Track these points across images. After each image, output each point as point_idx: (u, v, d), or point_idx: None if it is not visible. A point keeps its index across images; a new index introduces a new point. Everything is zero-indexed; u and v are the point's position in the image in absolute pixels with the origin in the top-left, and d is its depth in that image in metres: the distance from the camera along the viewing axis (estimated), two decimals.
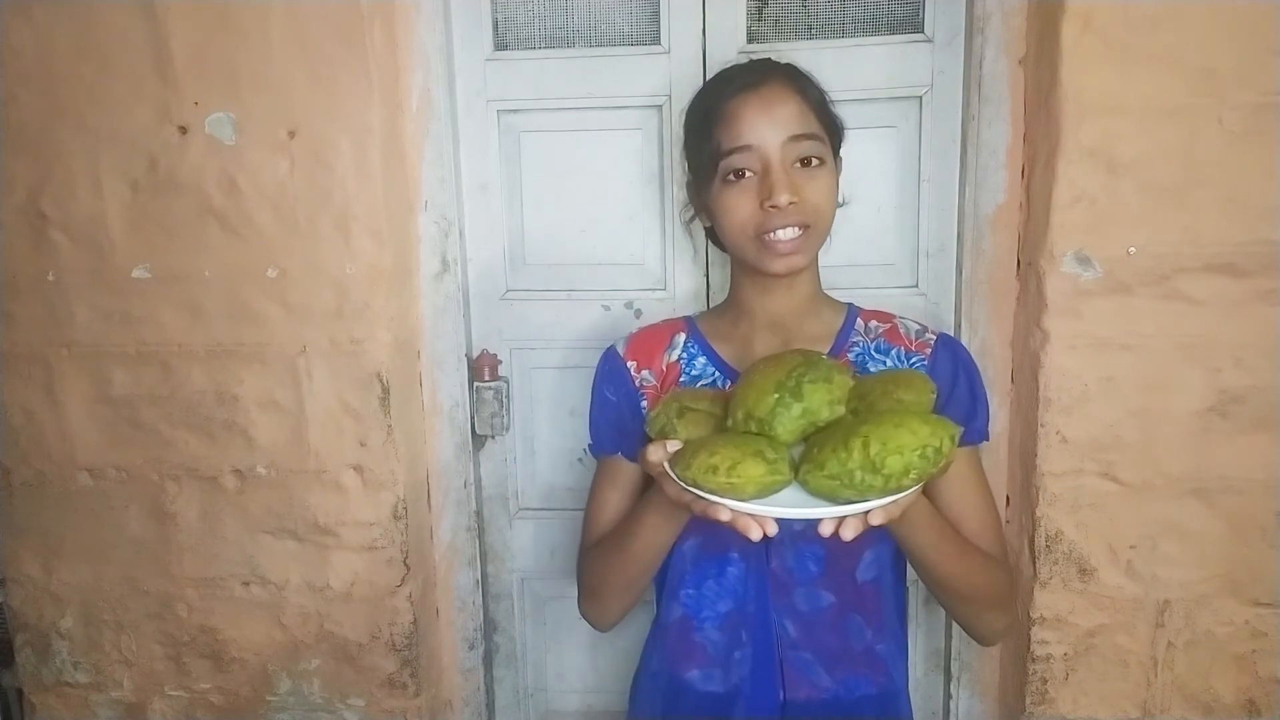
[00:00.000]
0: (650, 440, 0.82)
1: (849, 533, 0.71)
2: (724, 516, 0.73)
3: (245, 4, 1.12)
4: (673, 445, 0.78)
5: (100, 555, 1.30)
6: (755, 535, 0.73)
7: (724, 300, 1.07)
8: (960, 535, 0.94)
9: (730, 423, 0.79)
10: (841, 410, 0.78)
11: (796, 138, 0.89)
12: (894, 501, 0.71)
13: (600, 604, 1.03)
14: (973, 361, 0.99)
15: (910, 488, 0.71)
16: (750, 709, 0.96)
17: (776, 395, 0.76)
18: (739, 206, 0.90)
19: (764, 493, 0.73)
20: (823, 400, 0.76)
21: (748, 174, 0.90)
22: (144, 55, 1.15)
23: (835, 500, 0.73)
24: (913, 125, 1.23)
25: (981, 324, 1.21)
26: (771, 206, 0.87)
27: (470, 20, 1.28)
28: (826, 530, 0.72)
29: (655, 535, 0.92)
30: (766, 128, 0.89)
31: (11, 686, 1.52)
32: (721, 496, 0.72)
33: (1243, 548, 1.10)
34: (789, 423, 0.76)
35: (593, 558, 1.03)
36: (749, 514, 0.72)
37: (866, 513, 0.71)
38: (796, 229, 0.89)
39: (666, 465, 0.77)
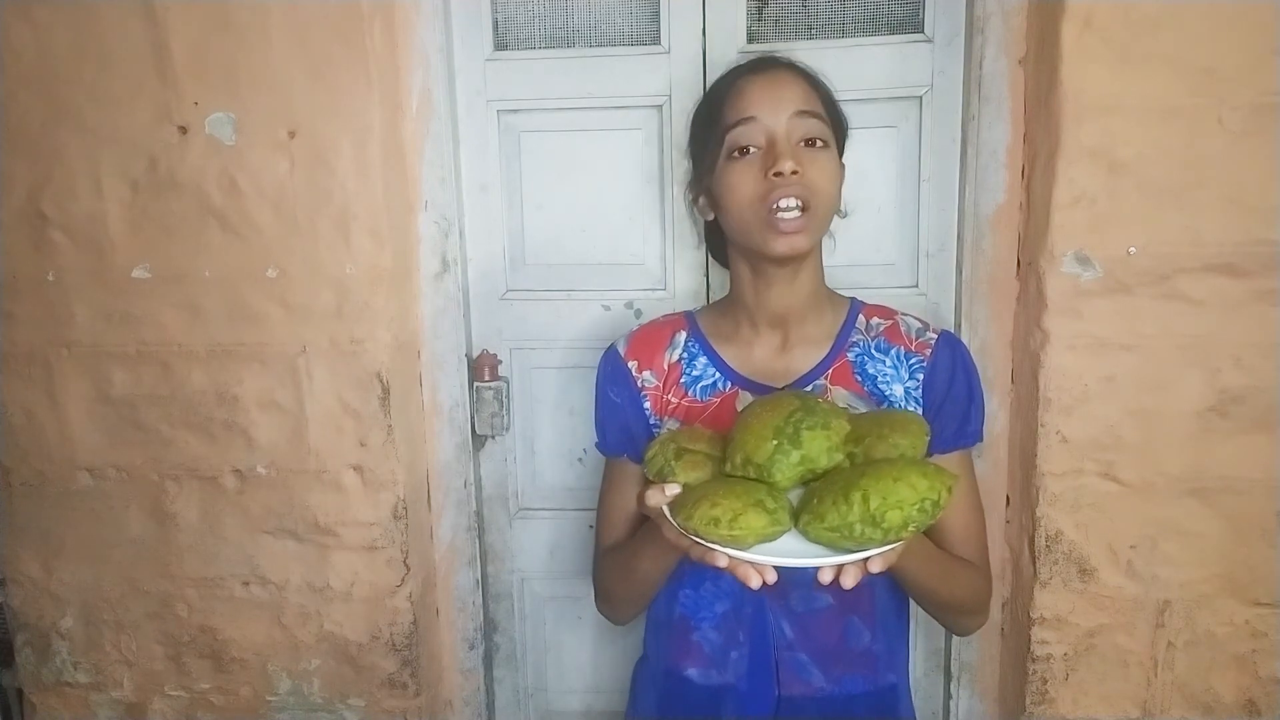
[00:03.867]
0: (649, 481, 0.82)
1: (849, 581, 0.72)
2: (722, 563, 0.74)
3: (245, 4, 1.12)
4: (671, 489, 0.78)
5: (100, 555, 1.30)
6: (755, 584, 0.73)
7: (725, 297, 1.06)
8: (945, 555, 0.95)
9: (728, 467, 0.79)
10: (840, 457, 0.77)
11: (802, 113, 0.90)
12: (892, 549, 0.72)
13: (613, 608, 1.07)
14: (972, 362, 0.99)
15: (908, 537, 0.72)
16: (746, 706, 0.97)
17: (775, 442, 0.76)
18: (743, 182, 0.90)
19: (763, 541, 0.73)
20: (821, 448, 0.76)
21: (752, 150, 0.90)
22: (144, 55, 1.15)
23: (834, 550, 0.73)
24: (913, 125, 1.23)
25: (981, 324, 1.21)
26: (775, 174, 0.87)
27: (470, 20, 1.28)
28: (826, 578, 0.73)
29: (656, 565, 0.94)
30: (772, 102, 0.90)
31: (11, 686, 1.52)
32: (723, 547, 0.73)
33: (1243, 548, 1.10)
34: (788, 470, 0.76)
35: (603, 568, 1.06)
36: (749, 562, 0.73)
37: (865, 560, 0.72)
38: (798, 208, 0.88)
39: (666, 510, 0.77)
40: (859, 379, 0.96)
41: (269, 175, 1.16)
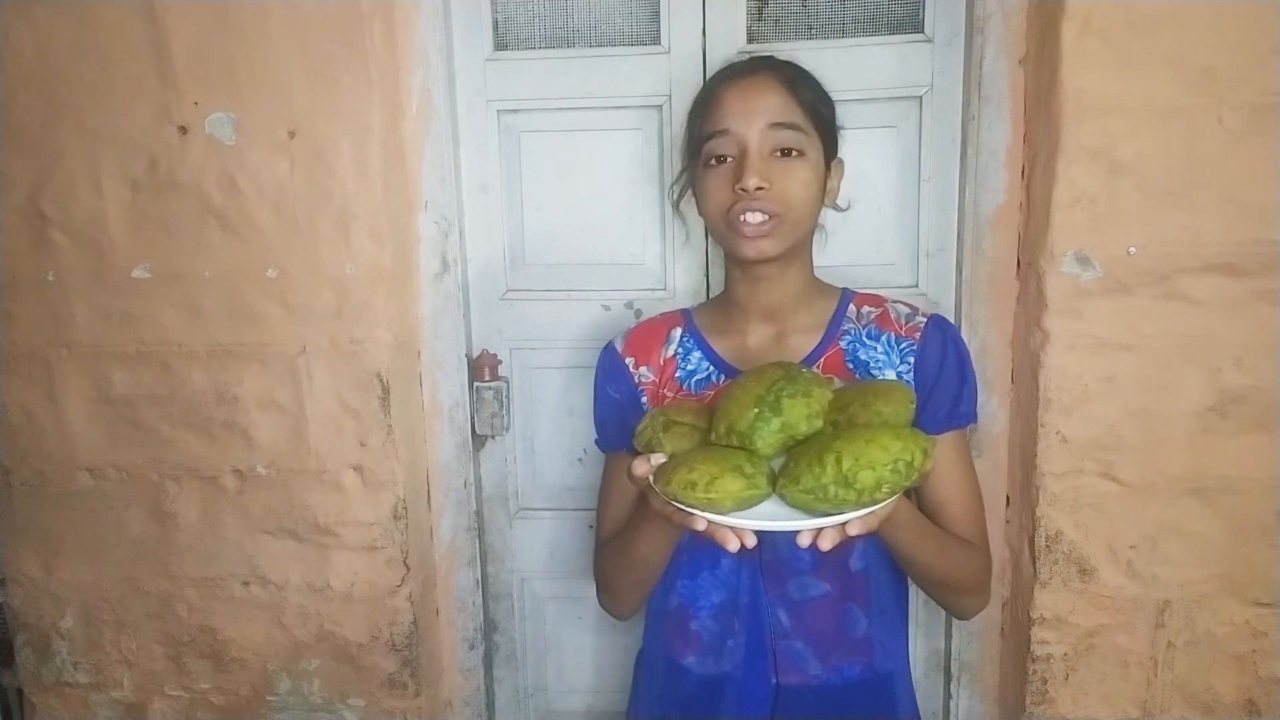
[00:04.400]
0: (637, 453, 0.84)
1: (826, 544, 0.73)
2: (700, 527, 0.75)
3: (245, 4, 1.12)
4: (657, 459, 0.80)
5: (100, 555, 1.30)
6: (732, 547, 0.75)
7: (721, 293, 1.09)
8: (941, 531, 0.96)
9: (713, 436, 0.81)
10: (820, 424, 0.79)
11: (775, 125, 0.91)
12: (870, 513, 0.73)
13: (615, 599, 1.06)
14: (963, 343, 1.00)
15: (884, 500, 0.72)
16: (743, 694, 0.98)
17: (756, 410, 0.77)
18: (716, 191, 0.93)
19: (742, 506, 0.74)
20: (801, 414, 0.78)
21: (727, 159, 0.93)
22: (144, 55, 1.15)
23: (811, 513, 0.74)
24: (913, 125, 1.23)
25: (981, 324, 1.21)
26: (740, 189, 0.90)
27: (470, 20, 1.28)
28: (804, 542, 0.74)
29: (653, 543, 0.94)
30: (745, 114, 0.92)
31: (11, 686, 1.52)
32: (701, 510, 0.74)
33: (1243, 548, 1.10)
34: (768, 436, 0.77)
35: (603, 557, 1.06)
36: (727, 526, 0.74)
37: (844, 524, 0.73)
38: (764, 215, 0.90)
39: (651, 479, 0.79)
40: (850, 367, 0.97)
41: (269, 175, 1.16)
